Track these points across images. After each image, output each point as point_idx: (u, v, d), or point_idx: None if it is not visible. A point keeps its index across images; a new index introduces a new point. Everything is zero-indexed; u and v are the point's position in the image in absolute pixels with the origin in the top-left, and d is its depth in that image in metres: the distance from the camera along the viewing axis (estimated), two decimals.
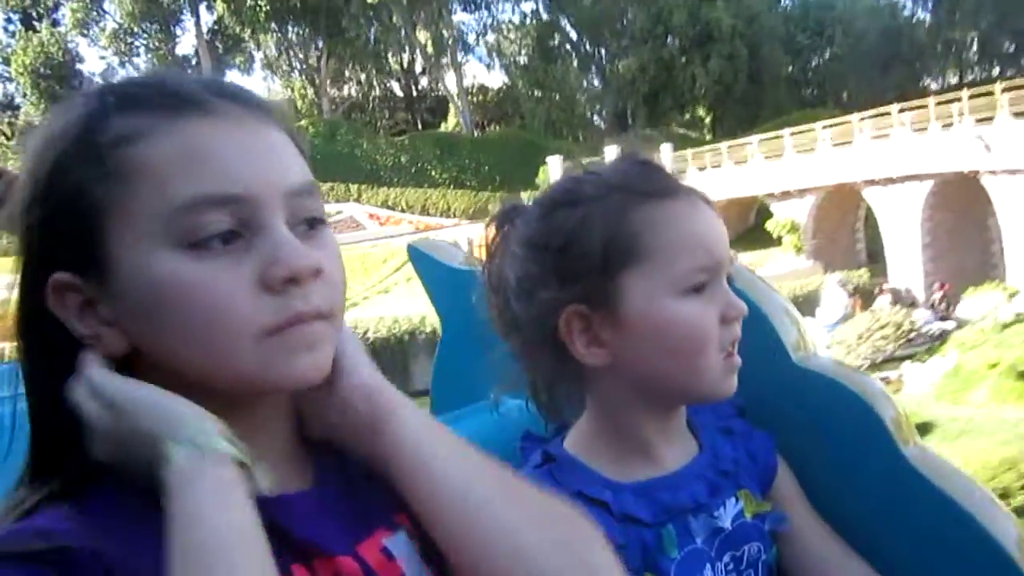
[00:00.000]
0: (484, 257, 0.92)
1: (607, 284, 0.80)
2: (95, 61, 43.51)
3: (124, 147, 0.57)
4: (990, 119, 17.88)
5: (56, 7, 40.13)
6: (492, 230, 0.91)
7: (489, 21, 40.89)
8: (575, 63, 40.41)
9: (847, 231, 24.07)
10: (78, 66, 41.08)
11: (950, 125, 19.02)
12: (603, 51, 40.33)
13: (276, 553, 0.56)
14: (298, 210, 0.60)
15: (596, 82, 40.94)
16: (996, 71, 38.67)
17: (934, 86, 38.66)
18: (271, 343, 0.58)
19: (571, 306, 0.81)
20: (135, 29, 39.78)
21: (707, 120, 37.22)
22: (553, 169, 27.07)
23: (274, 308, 0.57)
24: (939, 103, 20.05)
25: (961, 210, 19.66)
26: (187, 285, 0.56)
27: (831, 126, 22.69)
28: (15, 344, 0.62)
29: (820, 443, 0.90)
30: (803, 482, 0.91)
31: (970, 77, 37.96)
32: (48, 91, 38.72)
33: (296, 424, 0.69)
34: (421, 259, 1.23)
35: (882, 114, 21.32)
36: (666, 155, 22.78)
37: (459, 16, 39.35)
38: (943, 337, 13.76)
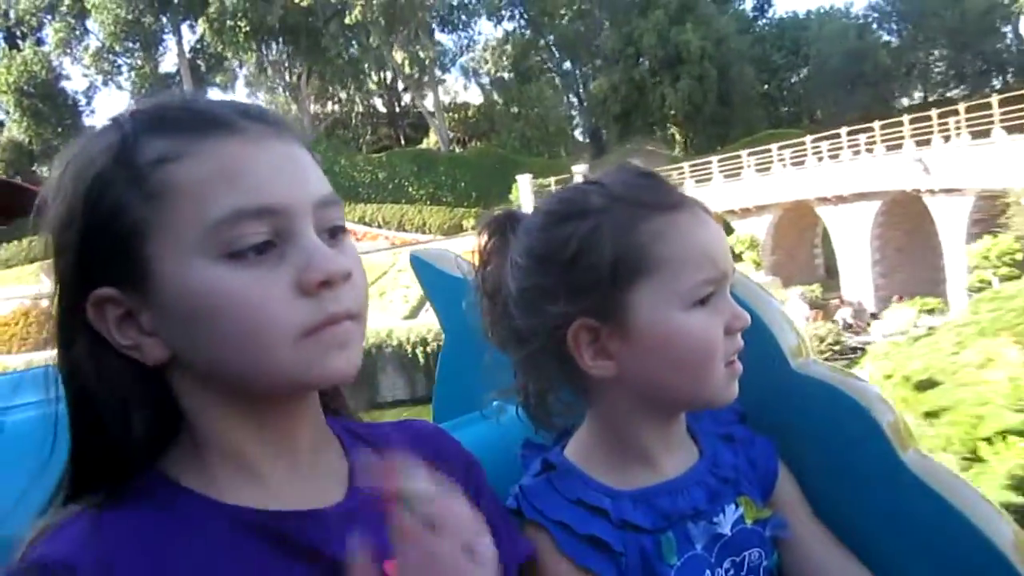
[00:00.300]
0: (476, 263, 0.92)
1: (617, 297, 0.80)
2: (80, 79, 43.94)
3: (162, 167, 0.60)
4: (928, 142, 18.71)
5: (40, 27, 40.69)
6: (485, 237, 0.91)
7: (466, 43, 41.72)
8: (555, 81, 41.32)
9: (806, 247, 24.85)
10: (62, 84, 41.73)
11: (896, 147, 19.86)
12: (578, 71, 41.23)
13: (306, 569, 0.62)
14: (323, 220, 0.64)
15: (574, 100, 41.84)
16: (960, 91, 39.69)
17: (906, 102, 39.73)
18: (308, 343, 0.61)
19: (580, 319, 0.81)
20: (117, 48, 40.33)
21: (679, 139, 38.05)
22: (523, 186, 27.79)
23: (309, 310, 0.61)
24: (883, 126, 20.89)
25: (910, 228, 20.45)
26: (229, 293, 0.60)
27: (786, 147, 23.49)
28: (50, 354, 0.66)
29: (819, 449, 0.90)
30: (803, 488, 0.91)
31: (933, 97, 38.98)
32: (32, 109, 39.37)
33: (328, 433, 0.73)
34: (423, 268, 1.24)
35: (833, 135, 22.15)
36: None
37: (437, 35, 40.10)
38: (864, 351, 14.47)
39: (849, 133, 21.68)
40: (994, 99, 19.02)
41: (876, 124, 21.28)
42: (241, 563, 0.61)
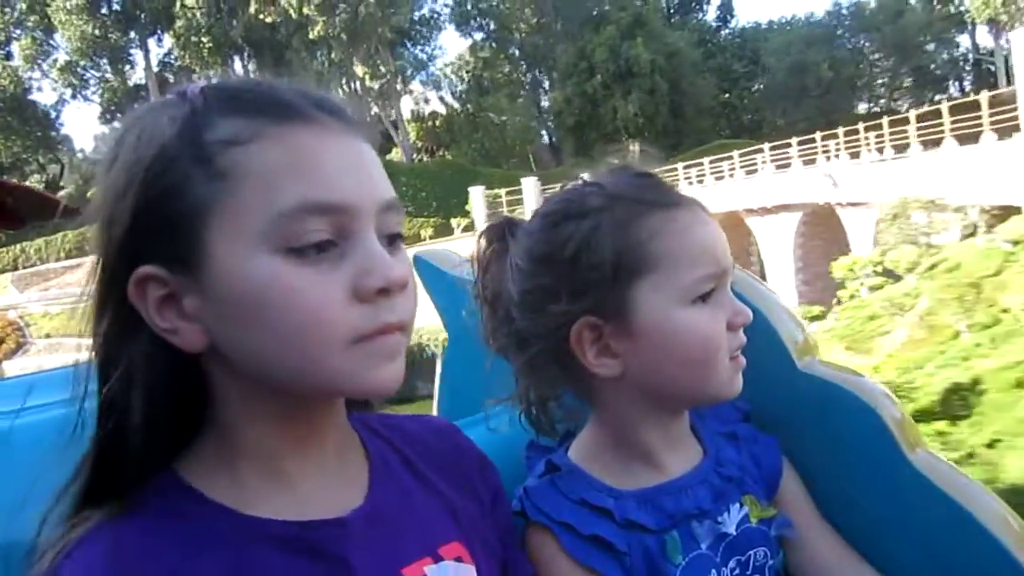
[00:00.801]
0: (477, 271, 0.91)
1: (619, 295, 0.80)
2: (50, 92, 44.53)
3: (231, 148, 0.58)
4: (837, 156, 19.98)
5: (8, 41, 41.29)
6: (483, 244, 0.90)
7: (427, 56, 42.74)
8: (516, 93, 42.42)
9: (743, 255, 26.01)
10: (31, 97, 42.35)
11: (811, 162, 21.12)
12: (540, 84, 42.36)
13: None
14: (384, 225, 0.62)
15: (534, 112, 42.96)
16: (905, 102, 41.16)
17: (864, 109, 41.10)
18: (359, 350, 0.60)
19: (583, 318, 0.81)
20: (85, 63, 41.05)
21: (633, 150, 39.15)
22: (475, 198, 28.80)
23: (365, 317, 0.60)
24: (800, 141, 22.17)
25: (829, 237, 21.62)
26: (286, 288, 0.57)
27: (717, 160, 24.72)
28: (85, 344, 0.63)
29: (825, 448, 0.89)
30: (809, 487, 0.90)
31: (876, 109, 40.44)
32: (2, 123, 39.98)
33: (350, 431, 0.72)
34: (426, 269, 1.24)
35: (756, 151, 23.41)
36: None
37: (400, 49, 41.08)
38: None
39: (771, 148, 22.92)
40: (912, 113, 20.27)
41: (794, 140, 22.55)
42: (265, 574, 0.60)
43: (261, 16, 37.09)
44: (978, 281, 8.37)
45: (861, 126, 21.13)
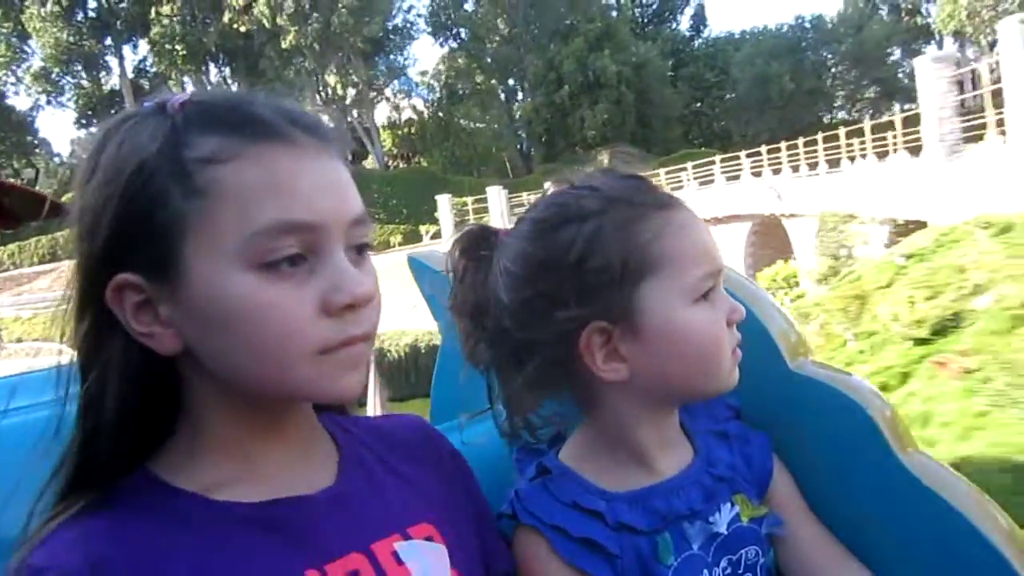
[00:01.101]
0: (452, 282, 0.88)
1: (626, 297, 0.79)
2: (25, 98, 44.69)
3: (210, 167, 0.60)
4: (779, 171, 20.87)
5: None
6: (457, 253, 0.88)
7: (400, 65, 43.39)
8: (488, 103, 43.16)
9: None
10: (6, 102, 42.60)
11: (759, 174, 22.01)
12: (513, 94, 43.15)
13: (290, 557, 0.63)
14: (353, 237, 0.65)
15: (507, 120, 43.72)
16: (863, 114, 42.22)
17: (826, 119, 42.09)
18: (325, 361, 0.62)
19: (593, 322, 0.80)
20: (60, 69, 41.39)
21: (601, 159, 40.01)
22: (442, 206, 29.42)
23: (331, 330, 0.62)
24: (749, 154, 23.06)
25: (779, 247, 22.46)
26: (259, 304, 0.60)
27: (672, 172, 25.55)
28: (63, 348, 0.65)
29: (817, 449, 0.89)
30: (801, 487, 0.90)
31: (834, 120, 41.48)
32: None
33: (317, 424, 0.75)
34: (421, 270, 1.24)
35: (709, 162, 24.28)
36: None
37: (373, 58, 41.69)
38: None
39: (722, 160, 23.81)
40: (867, 124, 21.14)
41: (742, 153, 23.42)
42: (234, 556, 0.62)
43: (235, 25, 37.61)
44: (864, 293, 9.08)
45: (820, 136, 21.95)
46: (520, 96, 42.55)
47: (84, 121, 42.24)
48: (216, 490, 0.65)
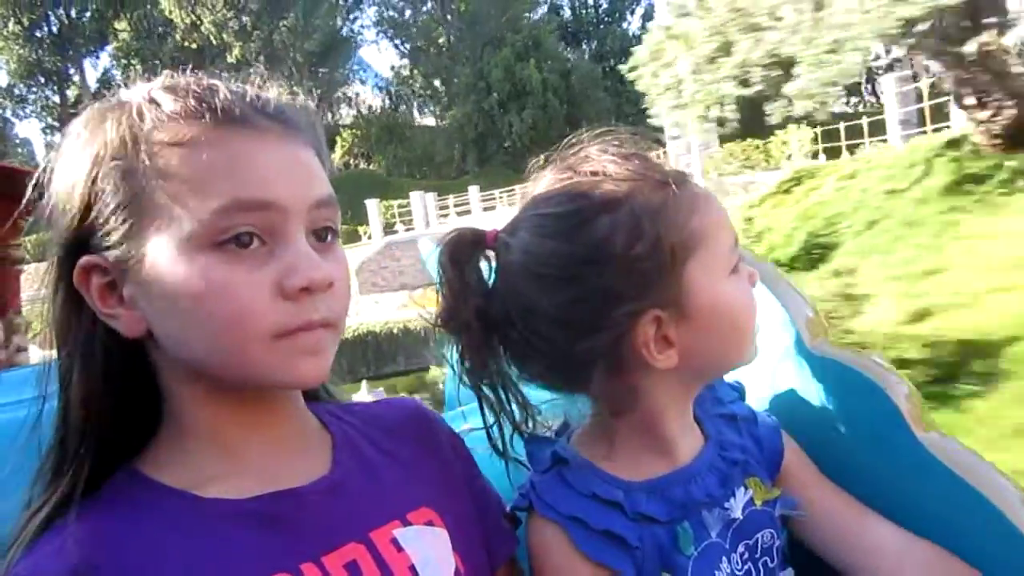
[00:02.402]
0: (442, 303, 0.80)
1: (674, 280, 0.77)
2: None
3: (170, 149, 0.61)
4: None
5: None
6: (449, 265, 0.80)
7: (346, 74, 46.00)
8: (428, 108, 45.80)
9: None
10: None
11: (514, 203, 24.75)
12: (445, 101, 45.85)
13: (285, 551, 0.62)
14: (317, 219, 0.65)
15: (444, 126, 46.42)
16: None
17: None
18: (281, 345, 0.62)
19: (650, 312, 0.76)
20: (23, 84, 43.83)
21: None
22: (371, 209, 31.90)
23: (287, 313, 0.62)
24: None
25: None
26: (214, 284, 0.60)
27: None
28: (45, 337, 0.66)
29: (834, 429, 0.89)
30: (818, 467, 0.89)
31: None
32: None
33: (308, 415, 0.74)
34: (432, 253, 1.17)
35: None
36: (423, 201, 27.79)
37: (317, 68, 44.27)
38: None
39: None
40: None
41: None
42: (225, 554, 0.61)
43: (186, 43, 40.14)
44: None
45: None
46: (445, 104, 45.25)
47: (48, 131, 44.71)
48: (205, 486, 0.64)
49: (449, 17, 43.42)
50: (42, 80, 43.95)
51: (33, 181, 0.66)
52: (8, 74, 42.84)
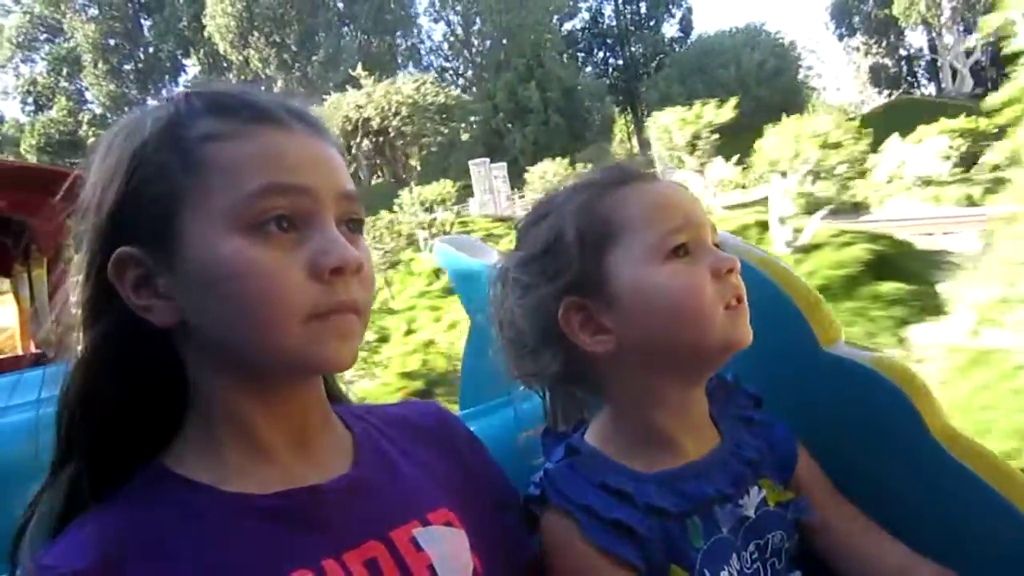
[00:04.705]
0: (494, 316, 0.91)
1: (593, 268, 0.81)
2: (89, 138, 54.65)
3: (207, 143, 0.64)
4: None
5: (52, 96, 51.99)
6: (495, 290, 0.91)
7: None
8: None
9: None
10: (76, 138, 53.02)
11: None
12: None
13: (307, 548, 0.63)
14: (344, 211, 0.68)
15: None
16: None
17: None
18: (314, 327, 0.63)
19: (566, 299, 0.82)
20: (112, 116, 51.42)
21: None
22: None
23: (320, 294, 0.63)
24: None
25: None
26: (248, 263, 0.62)
27: None
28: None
29: (850, 430, 0.89)
30: (836, 470, 0.89)
31: None
32: (62, 163, 50.47)
33: (331, 413, 0.75)
34: (448, 256, 1.24)
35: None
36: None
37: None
38: None
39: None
40: None
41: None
42: (249, 548, 0.62)
43: (241, 76, 46.74)
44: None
45: None
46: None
47: None
48: (229, 480, 0.65)
49: (475, 41, 48.49)
50: (127, 110, 51.16)
51: (74, 181, 0.69)
52: (100, 106, 50.60)
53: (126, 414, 0.67)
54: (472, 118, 43.63)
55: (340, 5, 44.85)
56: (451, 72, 50.27)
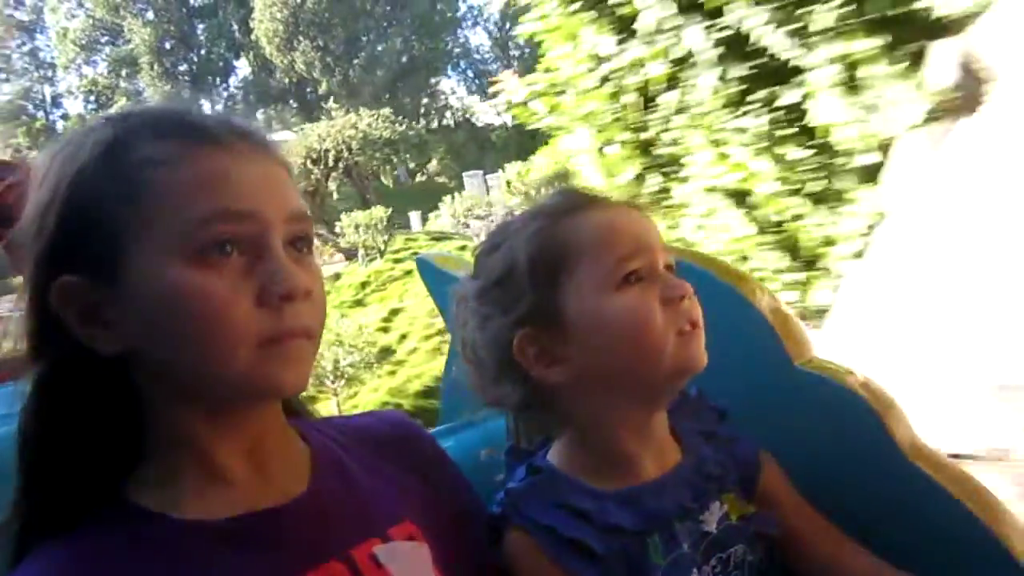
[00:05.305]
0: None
1: (545, 301, 0.81)
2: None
3: (149, 168, 0.62)
4: None
5: (111, 98, 54.54)
6: (457, 315, 0.90)
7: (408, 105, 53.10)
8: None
9: None
10: None
11: None
12: None
13: (265, 572, 0.63)
14: (292, 232, 0.67)
15: None
16: None
17: None
18: (263, 353, 0.62)
19: (519, 330, 0.82)
20: None
21: None
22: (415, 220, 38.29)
23: (270, 321, 0.63)
24: None
25: None
26: (195, 293, 0.61)
27: None
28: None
29: (821, 445, 0.89)
30: (809, 486, 0.89)
31: None
32: None
33: (289, 431, 0.74)
34: (428, 271, 1.24)
35: None
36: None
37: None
38: None
39: None
40: None
41: None
42: (204, 573, 0.61)
43: (288, 78, 48.47)
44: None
45: None
46: None
47: None
48: (187, 507, 0.64)
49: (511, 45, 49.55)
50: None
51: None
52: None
53: (83, 447, 0.65)
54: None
55: (386, 8, 46.26)
56: (488, 75, 51.49)
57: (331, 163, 28.84)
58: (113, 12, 48.93)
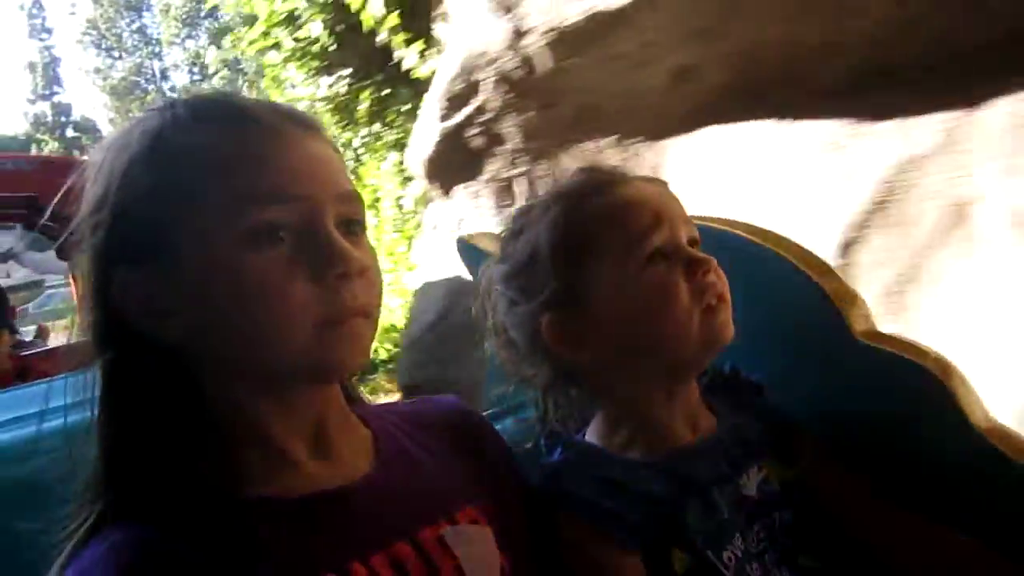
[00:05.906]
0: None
1: (569, 285, 0.81)
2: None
3: (198, 155, 0.62)
4: None
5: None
6: (486, 298, 0.91)
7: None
8: None
9: None
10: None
11: None
12: None
13: (333, 551, 0.62)
14: (343, 212, 0.66)
15: None
16: None
17: None
18: (321, 334, 0.62)
19: (545, 315, 0.83)
20: None
21: None
22: None
23: (326, 301, 0.62)
24: None
25: None
26: (251, 276, 0.60)
27: None
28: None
29: (887, 420, 0.87)
30: (873, 460, 0.87)
31: None
32: None
33: (351, 420, 0.74)
34: (469, 252, 1.20)
35: None
36: None
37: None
38: None
39: None
40: None
41: None
42: (274, 555, 0.61)
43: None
44: None
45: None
46: None
47: None
48: (250, 488, 0.64)
49: None
50: None
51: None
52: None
53: (155, 433, 0.65)
54: None
55: None
56: None
57: None
58: None
